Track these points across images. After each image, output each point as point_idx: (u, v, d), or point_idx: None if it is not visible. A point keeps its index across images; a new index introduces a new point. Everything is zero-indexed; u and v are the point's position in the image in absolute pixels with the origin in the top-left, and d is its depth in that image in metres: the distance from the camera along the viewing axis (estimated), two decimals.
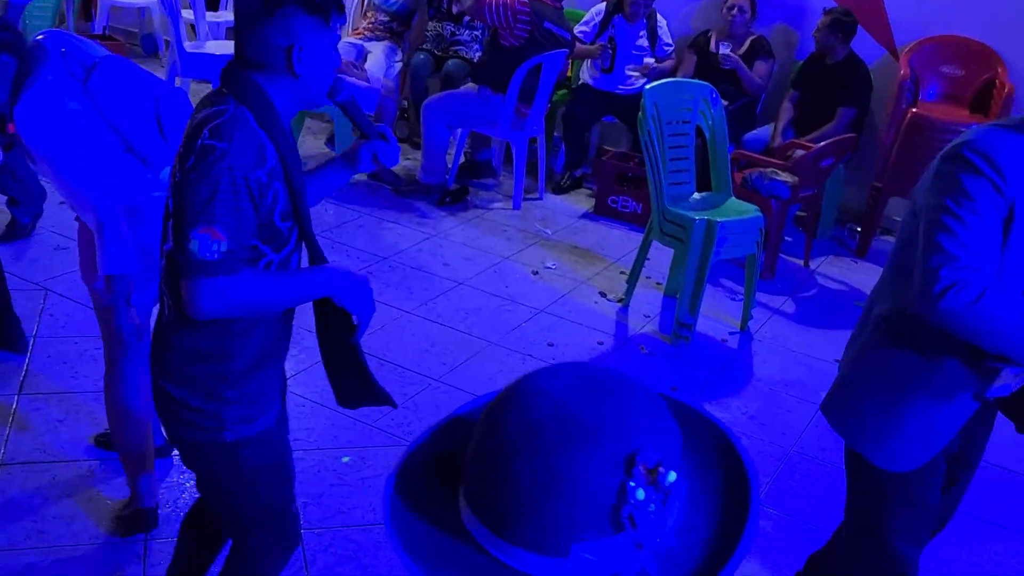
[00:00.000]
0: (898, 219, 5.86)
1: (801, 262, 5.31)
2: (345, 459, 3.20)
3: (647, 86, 4.24)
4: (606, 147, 6.56)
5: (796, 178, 4.95)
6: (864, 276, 5.28)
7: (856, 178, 5.82)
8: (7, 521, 2.75)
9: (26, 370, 3.47)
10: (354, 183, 5.69)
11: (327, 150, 6.18)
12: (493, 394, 1.01)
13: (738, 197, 4.54)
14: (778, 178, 4.94)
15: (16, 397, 3.32)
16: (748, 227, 4.21)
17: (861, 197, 5.97)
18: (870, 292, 2.25)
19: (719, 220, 4.08)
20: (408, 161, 6.20)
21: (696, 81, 4.43)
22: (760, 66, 5.73)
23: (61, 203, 4.84)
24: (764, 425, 3.70)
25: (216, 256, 1.70)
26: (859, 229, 5.83)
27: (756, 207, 4.38)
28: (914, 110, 5.24)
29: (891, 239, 5.82)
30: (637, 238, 5.38)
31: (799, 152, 5.31)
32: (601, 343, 4.20)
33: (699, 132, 4.45)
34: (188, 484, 2.99)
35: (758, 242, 4.28)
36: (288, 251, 1.87)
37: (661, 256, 4.78)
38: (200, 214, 1.69)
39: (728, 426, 1.14)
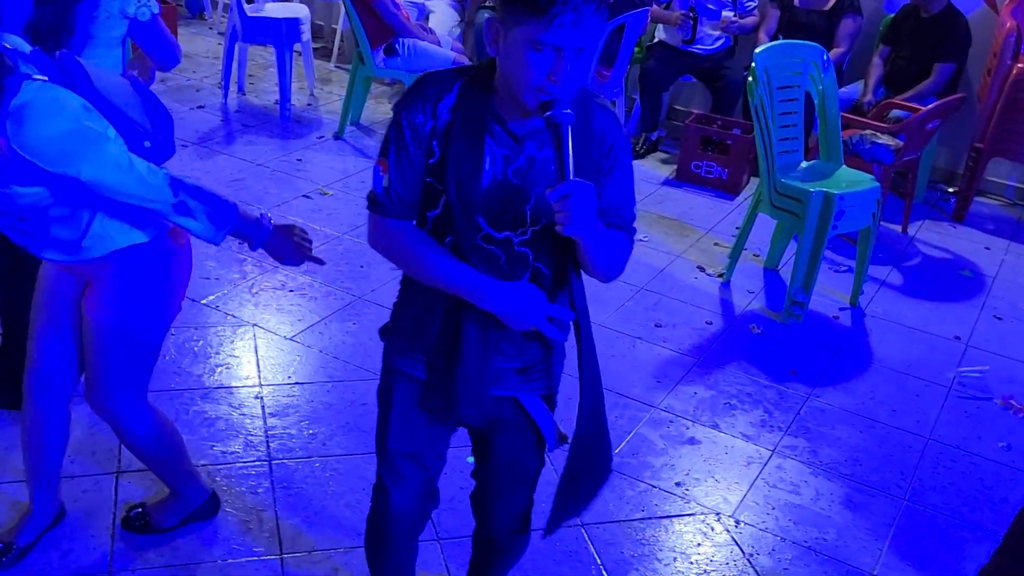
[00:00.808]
0: (998, 181, 5.62)
1: (899, 228, 5.07)
2: (471, 459, 3.03)
3: (756, 50, 3.99)
4: (676, 107, 6.33)
5: (899, 141, 4.71)
6: (965, 242, 5.05)
7: (948, 137, 5.56)
8: (134, 534, 2.60)
9: None
10: None
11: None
12: None
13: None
14: (880, 141, 4.70)
15: None
16: (866, 199, 3.99)
17: (952, 157, 5.72)
18: None
19: (837, 192, 3.86)
20: None
21: (807, 43, 4.17)
22: (847, 23, 5.45)
23: None
24: (895, 412, 3.51)
25: (380, 190, 1.75)
26: (951, 191, 5.59)
27: (871, 176, 4.15)
28: (1020, 66, 4.96)
29: (989, 201, 5.60)
30: (725, 206, 5.20)
31: (895, 112, 5.07)
32: (710, 323, 4.01)
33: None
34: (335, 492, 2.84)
35: (874, 214, 4.05)
36: (433, 215, 1.76)
37: (758, 226, 4.55)
38: (381, 146, 1.76)
39: None
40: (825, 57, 4.12)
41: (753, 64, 3.91)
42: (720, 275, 4.39)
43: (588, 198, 1.61)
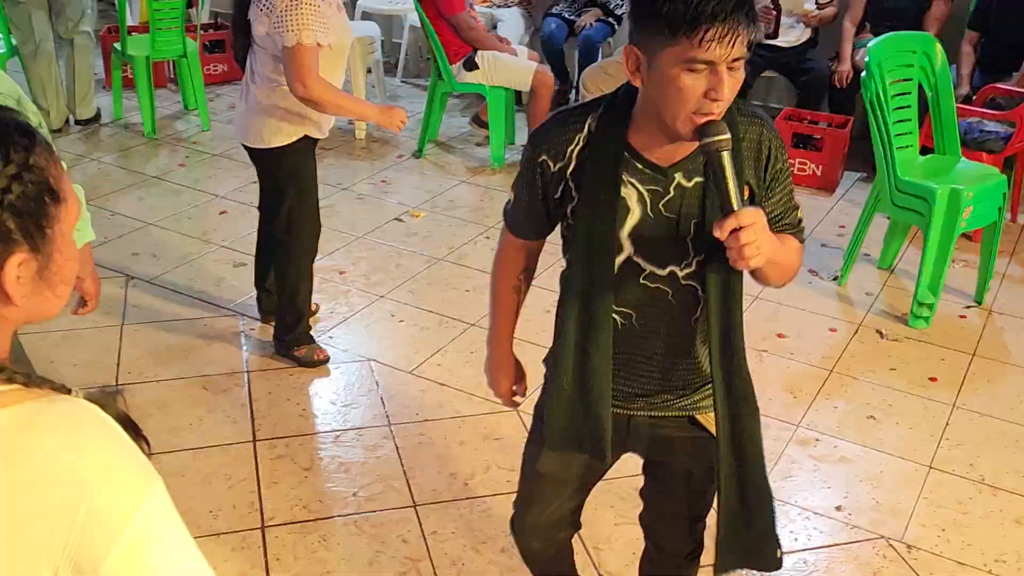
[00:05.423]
0: None
1: (1007, 217, 4.88)
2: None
3: (870, 44, 3.83)
4: (754, 102, 6.16)
5: (1007, 127, 4.53)
6: None
7: None
8: None
9: None
10: (514, 156, 5.37)
11: (471, 127, 5.83)
12: None
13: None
14: (989, 128, 4.52)
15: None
16: (992, 193, 3.82)
17: None
18: None
19: (964, 188, 3.69)
20: None
21: (920, 34, 4.01)
22: (937, 7, 5.26)
23: (222, 213, 4.61)
24: None
25: (507, 207, 1.85)
26: None
27: (995, 169, 3.97)
28: None
29: None
30: (823, 204, 5.06)
31: (993, 98, 4.89)
32: (834, 330, 3.85)
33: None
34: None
35: (1000, 208, 3.88)
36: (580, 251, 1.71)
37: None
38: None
39: None
40: (938, 47, 3.94)
41: (867, 58, 3.75)
42: (835, 278, 4.23)
43: (760, 228, 1.49)
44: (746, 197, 1.63)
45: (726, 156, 1.49)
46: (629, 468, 2.01)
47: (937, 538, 2.78)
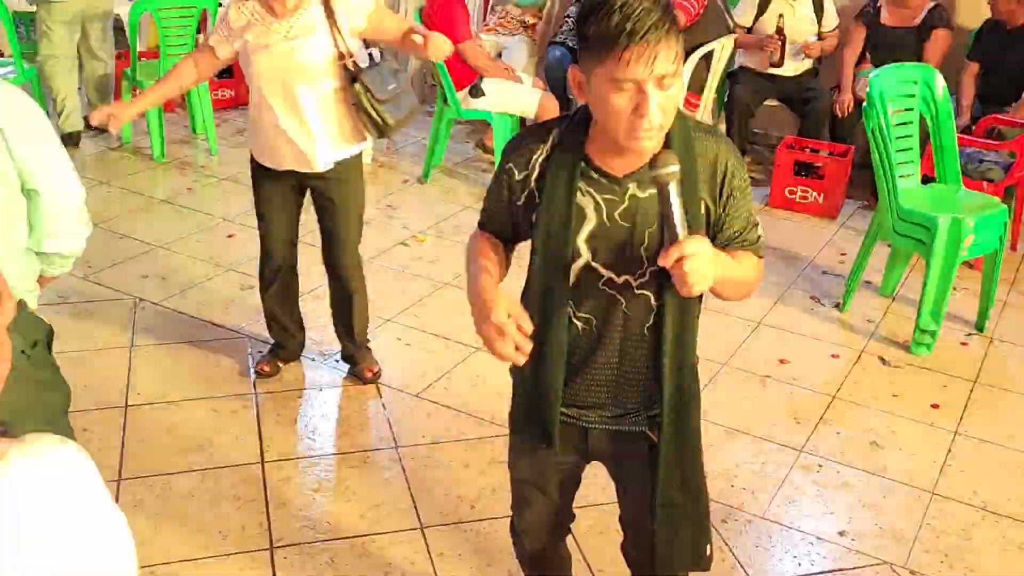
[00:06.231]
0: None
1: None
2: None
3: (872, 75, 3.89)
4: (755, 130, 6.22)
5: (1007, 158, 4.58)
6: None
7: None
8: None
9: None
10: None
11: (477, 152, 5.89)
12: None
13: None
14: (989, 159, 4.57)
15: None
16: (994, 223, 3.86)
17: None
18: None
19: (966, 218, 3.73)
20: None
21: (921, 65, 4.07)
22: (937, 38, 5.32)
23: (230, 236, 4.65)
24: None
25: (482, 208, 1.90)
26: None
27: (996, 198, 4.02)
28: None
29: None
30: (824, 231, 5.09)
31: (995, 128, 4.94)
32: (837, 356, 3.88)
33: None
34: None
35: (1001, 237, 3.93)
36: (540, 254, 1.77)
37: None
38: None
39: None
40: (939, 78, 4.00)
41: (869, 89, 3.81)
42: (837, 305, 4.27)
43: (703, 257, 1.54)
44: (702, 213, 1.68)
45: (673, 187, 1.55)
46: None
47: (940, 564, 2.80)
